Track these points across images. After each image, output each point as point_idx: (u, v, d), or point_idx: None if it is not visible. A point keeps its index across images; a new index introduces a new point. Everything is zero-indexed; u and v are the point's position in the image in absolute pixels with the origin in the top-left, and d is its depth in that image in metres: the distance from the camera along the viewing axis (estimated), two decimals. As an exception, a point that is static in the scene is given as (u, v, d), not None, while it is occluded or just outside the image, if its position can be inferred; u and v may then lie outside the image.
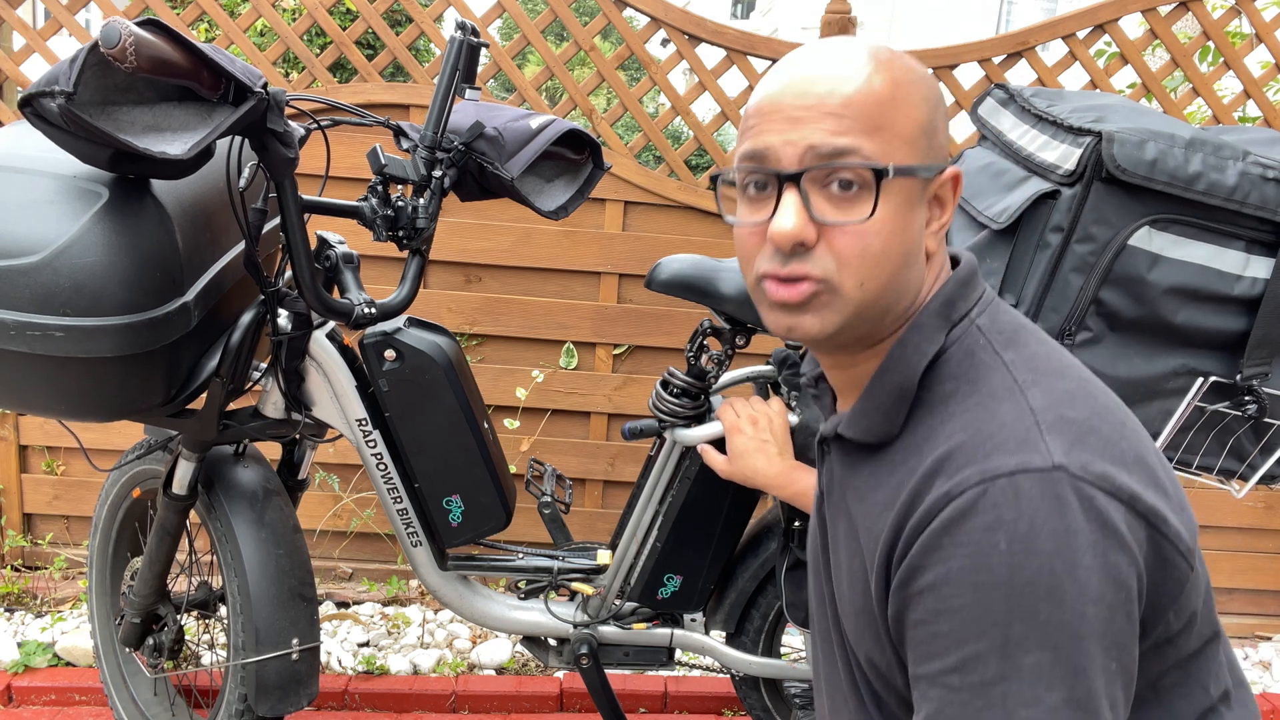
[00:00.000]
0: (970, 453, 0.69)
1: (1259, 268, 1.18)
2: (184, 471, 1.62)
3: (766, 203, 0.75)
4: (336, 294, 1.57)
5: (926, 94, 0.76)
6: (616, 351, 2.62)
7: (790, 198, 0.73)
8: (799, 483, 1.40)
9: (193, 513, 1.71)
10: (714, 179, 0.83)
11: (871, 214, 0.73)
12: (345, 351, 1.61)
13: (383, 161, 1.47)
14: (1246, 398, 1.22)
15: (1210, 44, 2.61)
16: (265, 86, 1.22)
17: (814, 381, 0.93)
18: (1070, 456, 0.67)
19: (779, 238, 0.73)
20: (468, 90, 1.53)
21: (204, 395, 1.53)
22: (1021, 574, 0.65)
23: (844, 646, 0.86)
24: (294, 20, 2.53)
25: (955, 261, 0.84)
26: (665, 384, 1.65)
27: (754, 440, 1.46)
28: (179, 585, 1.84)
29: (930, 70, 0.68)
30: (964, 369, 0.75)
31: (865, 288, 0.74)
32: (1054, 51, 2.54)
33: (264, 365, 1.62)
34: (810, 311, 0.75)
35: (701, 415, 1.65)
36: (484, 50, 1.61)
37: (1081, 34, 2.52)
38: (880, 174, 0.72)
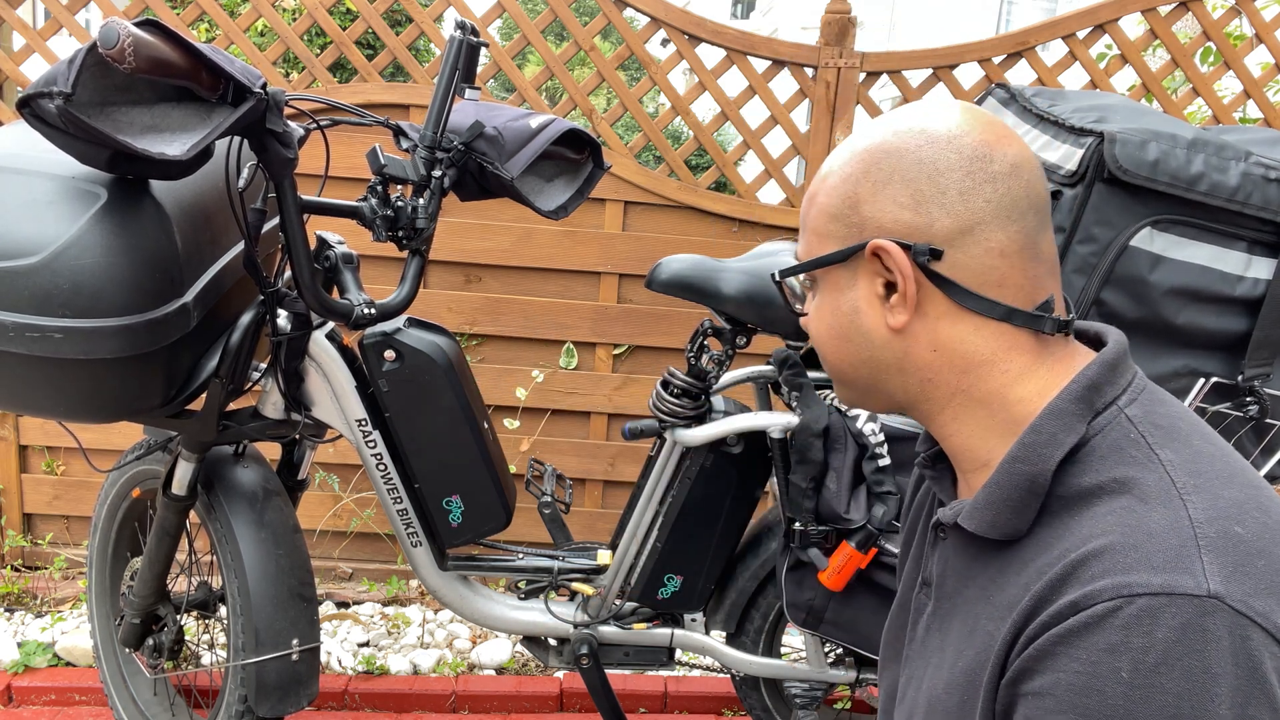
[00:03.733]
0: (1109, 562, 0.61)
1: (1261, 269, 1.18)
2: (184, 472, 1.62)
3: None
4: (336, 294, 1.57)
5: (849, 173, 0.74)
6: (616, 351, 2.62)
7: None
8: None
9: (193, 513, 1.71)
10: None
11: (804, 305, 0.82)
12: (345, 352, 1.61)
13: (382, 161, 1.47)
14: (1248, 399, 1.22)
15: (1210, 44, 2.61)
16: (264, 87, 1.22)
17: (930, 461, 0.85)
18: (1230, 584, 0.58)
19: None
20: (468, 90, 1.52)
21: (203, 396, 1.53)
22: (1138, 711, 0.57)
23: None
24: (294, 20, 2.53)
25: (1100, 340, 0.76)
26: (665, 384, 1.65)
27: None
28: (179, 585, 1.84)
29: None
30: (1110, 465, 0.67)
31: (826, 362, 0.81)
32: (1054, 51, 2.54)
33: (263, 365, 1.62)
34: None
35: (702, 416, 1.65)
36: (484, 50, 1.61)
37: (1081, 34, 2.52)
38: (784, 275, 0.81)
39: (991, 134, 0.72)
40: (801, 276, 0.80)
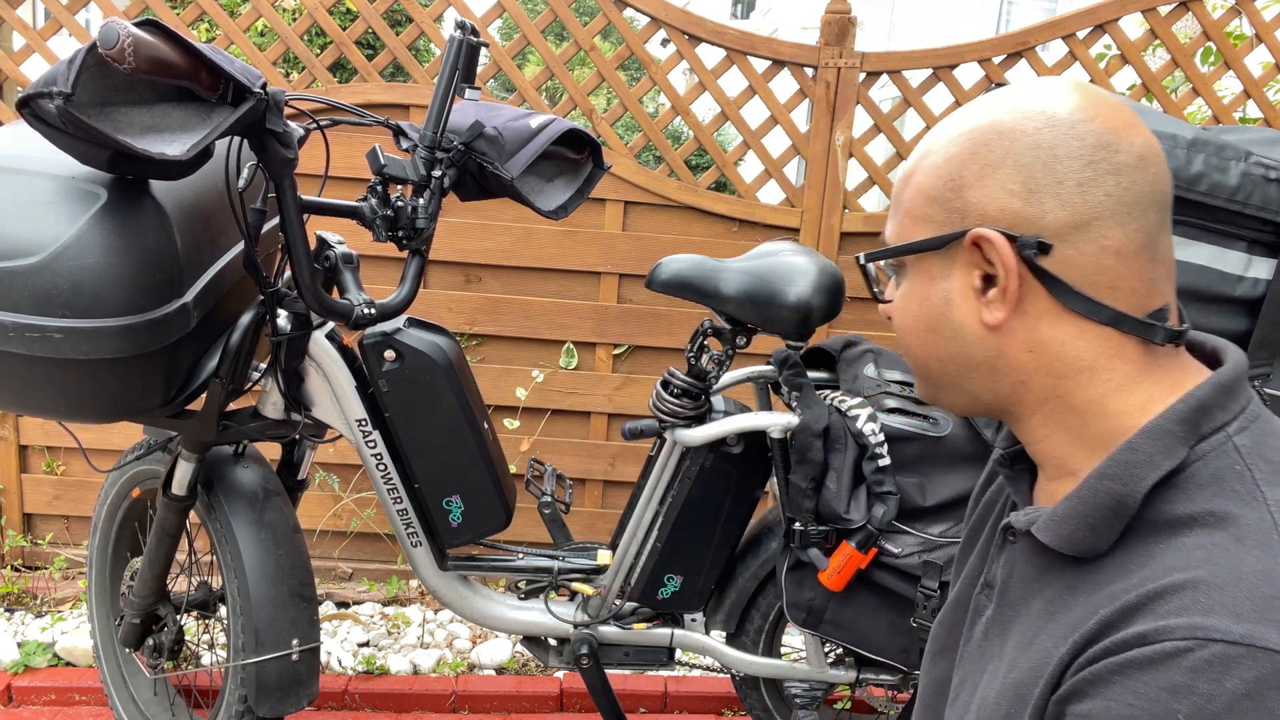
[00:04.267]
0: (1190, 599, 0.57)
1: (1261, 269, 1.18)
2: (183, 472, 1.62)
3: None
4: (336, 294, 1.57)
5: (955, 152, 0.69)
6: (616, 351, 2.62)
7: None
8: None
9: (193, 513, 1.71)
10: None
11: (887, 292, 0.77)
12: (345, 352, 1.61)
13: (382, 161, 1.47)
14: (1247, 398, 1.22)
15: (1210, 44, 2.61)
16: (264, 87, 1.22)
17: (1009, 460, 0.80)
18: None
19: None
20: (468, 90, 1.52)
21: (203, 396, 1.53)
22: None
23: None
24: (294, 20, 2.53)
25: (1215, 358, 0.71)
26: (666, 384, 1.65)
27: None
28: (179, 585, 1.84)
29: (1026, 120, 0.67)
30: (1208, 496, 0.62)
31: (909, 355, 0.76)
32: (1054, 51, 2.54)
33: (263, 365, 1.62)
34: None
35: (702, 416, 1.65)
36: (484, 50, 1.61)
37: (1081, 34, 2.51)
38: (871, 259, 0.76)
39: (1118, 120, 0.66)
40: (888, 261, 0.75)
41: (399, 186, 1.53)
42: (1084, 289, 0.66)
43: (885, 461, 1.50)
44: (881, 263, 0.76)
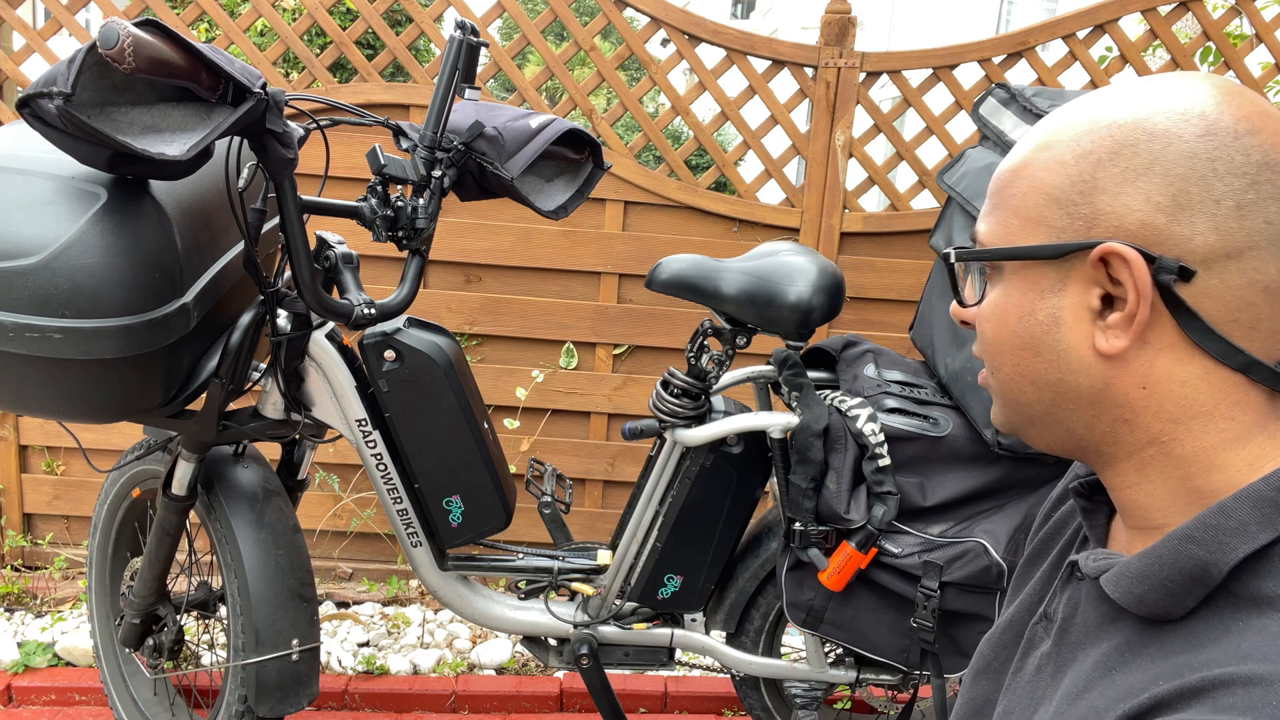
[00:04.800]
0: (1260, 697, 0.49)
1: None
2: (183, 472, 1.62)
3: None
4: (336, 294, 1.57)
5: (1089, 149, 0.59)
6: (616, 351, 2.62)
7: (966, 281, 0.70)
8: None
9: (193, 513, 1.71)
10: None
11: (980, 300, 0.68)
12: (345, 352, 1.61)
13: (382, 161, 1.47)
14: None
15: (1210, 44, 2.61)
16: (264, 87, 1.22)
17: (1088, 490, 0.73)
18: None
19: None
20: (468, 90, 1.52)
21: (203, 396, 1.53)
22: None
23: None
24: (294, 20, 2.53)
25: None
26: (666, 384, 1.65)
27: None
28: (179, 585, 1.84)
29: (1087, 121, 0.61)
30: None
31: (998, 374, 0.68)
32: (1054, 51, 2.54)
33: (263, 365, 1.62)
34: (992, 397, 0.71)
35: (702, 416, 1.65)
36: (484, 50, 1.61)
37: (1081, 34, 2.52)
38: (965, 258, 0.67)
39: None
40: (980, 263, 0.66)
41: (399, 186, 1.53)
42: (1221, 327, 0.57)
43: (885, 461, 1.50)
44: (973, 264, 0.67)
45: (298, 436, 1.73)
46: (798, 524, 1.55)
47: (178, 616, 1.79)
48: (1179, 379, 0.59)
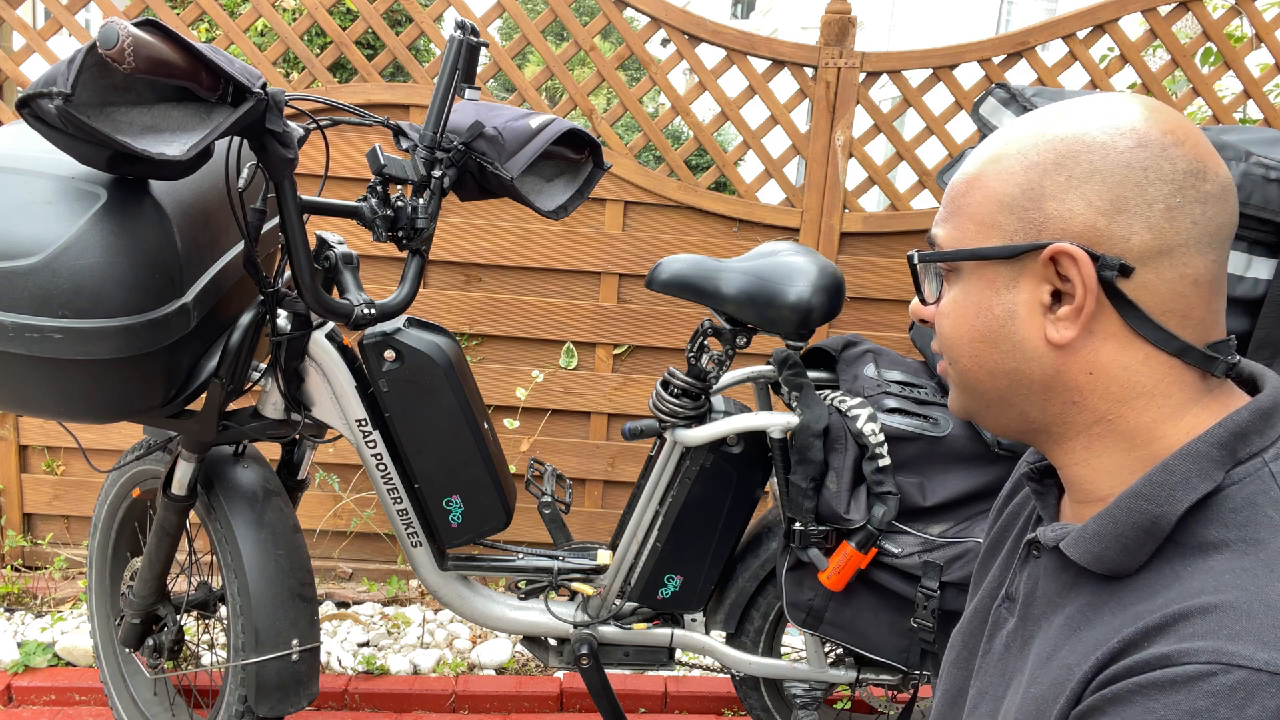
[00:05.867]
0: (1216, 623, 0.56)
1: (1261, 269, 1.18)
2: (183, 472, 1.62)
3: None
4: (336, 294, 1.57)
5: (1037, 160, 0.66)
6: (616, 351, 2.62)
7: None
8: None
9: (193, 513, 1.71)
10: None
11: (938, 299, 0.74)
12: (345, 352, 1.61)
13: (382, 161, 1.47)
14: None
15: (1210, 44, 2.61)
16: (264, 87, 1.22)
17: (1039, 474, 0.79)
18: None
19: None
20: (467, 90, 1.52)
21: (203, 396, 1.53)
22: None
23: None
24: (294, 20, 2.53)
25: (1254, 383, 0.70)
26: (666, 384, 1.65)
27: None
28: (179, 585, 1.84)
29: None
30: (1241, 520, 0.62)
31: (956, 365, 0.74)
32: (1054, 51, 2.54)
33: (263, 365, 1.62)
34: (950, 386, 0.77)
35: (702, 416, 1.65)
36: (484, 50, 1.61)
37: (1081, 34, 2.52)
38: (928, 259, 0.73)
39: (1205, 149, 0.65)
40: (939, 265, 0.73)
41: (399, 186, 1.53)
42: (1158, 316, 0.65)
43: (885, 461, 1.50)
44: (930, 265, 0.74)
45: (298, 436, 1.73)
46: (798, 524, 1.55)
47: (178, 616, 1.79)
48: (1122, 364, 0.66)
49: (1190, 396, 0.66)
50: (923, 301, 0.77)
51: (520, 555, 1.79)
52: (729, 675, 2.03)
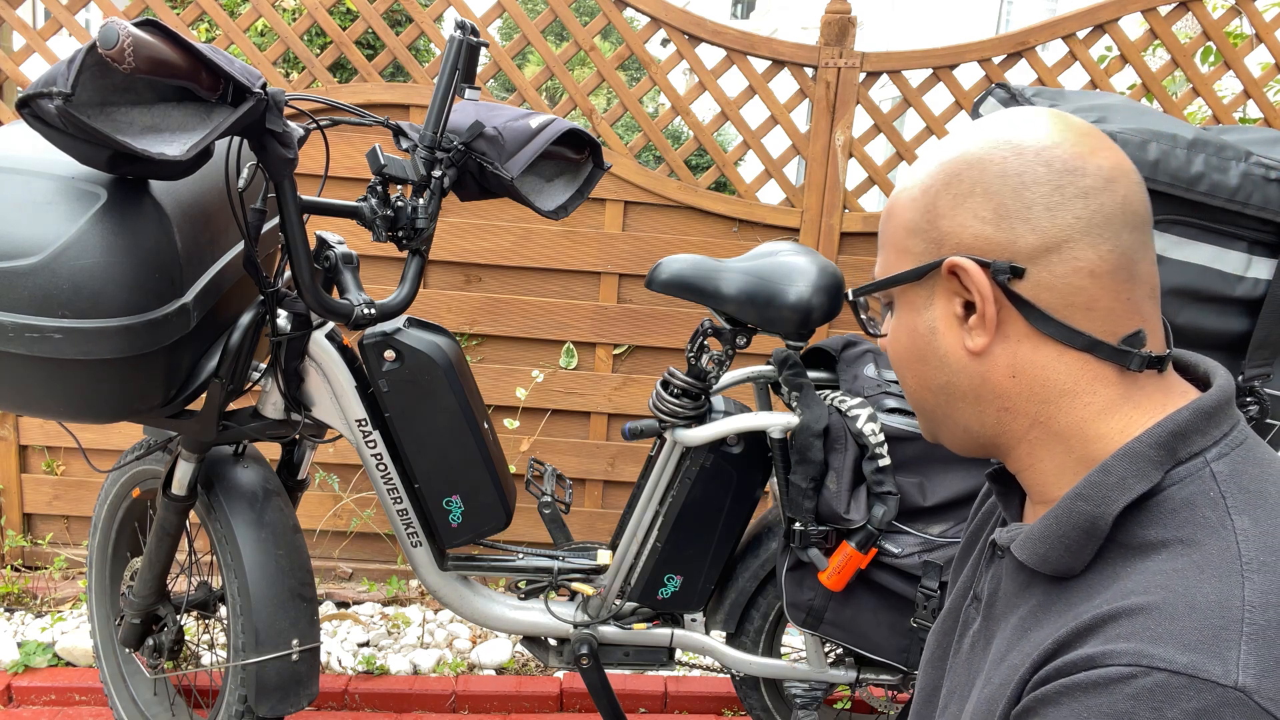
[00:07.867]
0: (1140, 625, 0.57)
1: (1261, 269, 1.18)
2: (183, 472, 1.62)
3: None
4: (336, 294, 1.57)
5: (930, 184, 0.71)
6: (616, 351, 2.62)
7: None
8: None
9: (193, 513, 1.71)
10: None
11: (882, 326, 0.79)
12: (345, 352, 1.61)
13: (382, 161, 1.47)
14: (1248, 399, 1.22)
15: (1210, 44, 2.61)
16: (264, 87, 1.22)
17: (1001, 476, 0.81)
18: (1264, 680, 0.53)
19: None
20: (467, 90, 1.52)
21: (203, 396, 1.53)
22: None
23: None
24: (294, 20, 2.53)
25: (1207, 380, 0.71)
26: (666, 384, 1.65)
27: None
28: (179, 585, 1.84)
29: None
30: (1178, 521, 0.62)
31: (905, 388, 0.78)
32: (1054, 51, 2.54)
33: (263, 365, 1.62)
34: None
35: (702, 416, 1.65)
36: (484, 50, 1.61)
37: (1081, 34, 2.52)
38: (859, 293, 0.78)
39: (1084, 145, 0.67)
40: (878, 295, 0.77)
41: (399, 186, 1.53)
42: (1059, 311, 0.66)
43: (885, 461, 1.51)
44: (876, 297, 0.78)
45: (298, 436, 1.73)
46: (798, 524, 1.55)
47: (178, 616, 1.79)
48: (1039, 364, 0.68)
49: (1118, 393, 0.67)
50: (867, 334, 0.82)
51: (520, 555, 1.79)
52: (729, 675, 2.03)
